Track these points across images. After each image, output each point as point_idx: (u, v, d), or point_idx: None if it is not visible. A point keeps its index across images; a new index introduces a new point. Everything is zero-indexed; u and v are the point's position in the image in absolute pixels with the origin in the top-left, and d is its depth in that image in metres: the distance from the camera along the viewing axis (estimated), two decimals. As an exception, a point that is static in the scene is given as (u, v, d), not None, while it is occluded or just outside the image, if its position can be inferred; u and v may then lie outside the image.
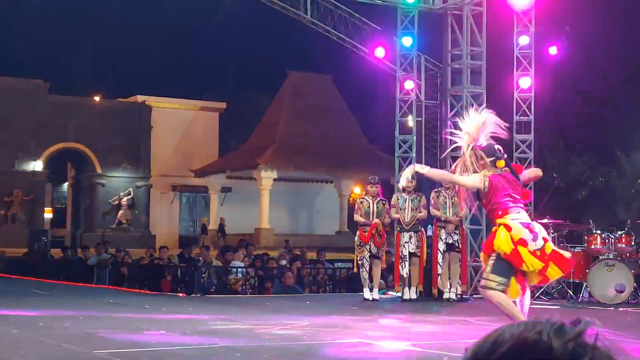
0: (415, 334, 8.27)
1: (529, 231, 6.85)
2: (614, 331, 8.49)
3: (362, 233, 12.21)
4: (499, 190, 6.91)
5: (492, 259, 6.83)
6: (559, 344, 1.16)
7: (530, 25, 15.72)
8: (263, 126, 35.29)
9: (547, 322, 1.18)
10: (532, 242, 6.80)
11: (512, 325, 1.19)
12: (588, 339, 1.20)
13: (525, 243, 6.75)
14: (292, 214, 36.04)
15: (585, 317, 1.24)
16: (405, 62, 16.60)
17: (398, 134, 16.53)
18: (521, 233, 6.77)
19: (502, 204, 6.92)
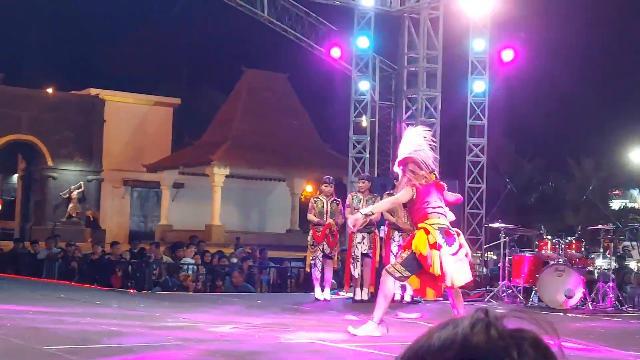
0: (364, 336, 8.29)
1: (445, 235, 7.65)
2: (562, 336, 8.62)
3: (315, 233, 12.20)
4: (423, 198, 7.77)
5: (405, 254, 7.73)
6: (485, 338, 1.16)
7: (486, 31, 15.90)
8: (217, 123, 35.12)
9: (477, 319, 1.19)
10: (447, 246, 7.63)
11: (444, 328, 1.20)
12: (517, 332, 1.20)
13: (440, 247, 7.57)
14: (244, 211, 35.92)
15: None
16: (360, 62, 16.68)
17: (352, 134, 16.61)
18: (437, 237, 7.59)
19: (424, 209, 7.76)
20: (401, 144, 8.11)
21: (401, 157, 7.97)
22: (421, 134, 8.00)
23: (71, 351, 6.31)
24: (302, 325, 8.85)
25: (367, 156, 16.65)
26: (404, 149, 7.99)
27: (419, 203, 7.76)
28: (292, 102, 35.71)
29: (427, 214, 7.73)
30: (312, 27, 21.59)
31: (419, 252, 7.54)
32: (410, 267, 7.64)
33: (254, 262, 16.74)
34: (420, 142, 7.90)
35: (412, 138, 7.98)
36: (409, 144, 7.94)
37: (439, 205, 7.85)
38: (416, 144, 7.88)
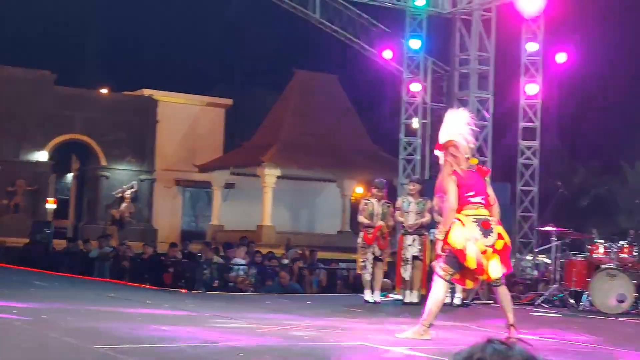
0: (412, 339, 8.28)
1: (482, 227, 7.42)
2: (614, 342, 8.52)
3: (365, 235, 12.21)
4: (463, 186, 7.53)
5: (446, 252, 7.53)
6: None
7: (539, 32, 15.74)
8: (268, 124, 35.30)
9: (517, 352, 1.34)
10: (483, 238, 7.40)
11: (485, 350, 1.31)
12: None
13: (476, 240, 7.37)
14: (294, 212, 36.05)
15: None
16: (412, 64, 16.64)
17: (403, 135, 16.58)
18: (473, 230, 7.38)
19: (463, 199, 7.52)
20: (442, 127, 7.87)
21: (442, 140, 7.76)
22: (463, 118, 7.77)
23: (123, 351, 6.41)
24: (352, 328, 8.86)
25: (417, 158, 16.60)
26: (444, 132, 7.77)
27: (459, 192, 7.53)
28: (343, 103, 35.73)
29: (465, 204, 7.50)
30: (364, 28, 21.59)
31: (454, 246, 7.38)
32: (453, 265, 7.50)
33: (304, 263, 16.79)
34: (461, 126, 7.68)
35: (453, 122, 7.75)
36: (450, 127, 7.72)
37: (479, 194, 7.61)
38: (457, 128, 7.67)
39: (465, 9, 15.85)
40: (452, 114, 7.89)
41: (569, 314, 11.99)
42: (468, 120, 7.75)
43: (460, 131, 7.66)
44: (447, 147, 7.66)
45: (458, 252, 7.38)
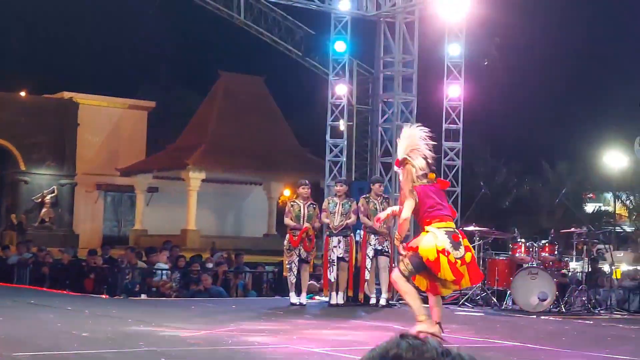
0: (339, 339, 8.28)
1: (452, 239, 7.53)
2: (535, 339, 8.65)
3: (291, 237, 12.16)
4: (425, 200, 7.64)
5: (412, 253, 7.57)
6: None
7: (461, 35, 15.95)
8: (193, 126, 34.97)
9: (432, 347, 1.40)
10: (454, 250, 7.51)
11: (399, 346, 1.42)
12: None
13: (448, 252, 7.45)
14: (220, 215, 35.79)
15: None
16: (337, 66, 16.66)
17: (329, 137, 16.57)
18: (445, 243, 7.46)
19: (429, 212, 7.64)
20: (399, 144, 7.96)
21: (400, 156, 7.86)
22: (419, 134, 7.86)
23: (43, 358, 6.22)
24: (277, 330, 8.80)
25: (344, 160, 16.62)
26: (401, 148, 7.86)
27: (422, 206, 7.66)
28: (269, 105, 35.64)
29: (433, 217, 7.64)
30: (289, 30, 21.58)
31: (427, 257, 7.46)
32: (416, 266, 7.56)
33: (229, 266, 16.63)
34: (417, 142, 7.78)
35: (409, 137, 7.85)
36: (407, 143, 7.82)
37: (443, 206, 7.78)
38: (414, 144, 7.77)
39: (389, 12, 15.94)
40: (408, 130, 7.97)
41: (492, 313, 12.15)
42: (423, 136, 7.83)
43: (417, 147, 7.74)
44: (406, 163, 7.74)
45: (429, 263, 7.48)
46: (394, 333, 1.54)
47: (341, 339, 8.32)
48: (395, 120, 15.42)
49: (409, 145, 7.76)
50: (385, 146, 15.61)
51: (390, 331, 8.96)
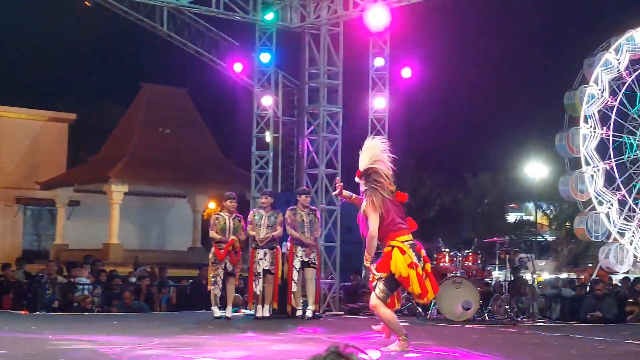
0: (266, 352, 8.19)
1: (416, 251, 7.73)
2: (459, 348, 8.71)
3: (217, 250, 12.03)
4: (389, 214, 7.67)
5: (384, 276, 7.61)
6: None
7: (385, 48, 16.06)
8: (115, 139, 34.39)
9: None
10: (418, 261, 7.70)
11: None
12: None
13: (416, 265, 7.63)
14: (143, 229, 35.23)
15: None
16: (263, 78, 16.60)
17: (255, 149, 16.48)
18: (412, 256, 7.64)
19: (393, 226, 7.67)
20: (361, 155, 7.93)
21: (362, 167, 7.82)
22: (379, 146, 7.88)
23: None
24: (202, 344, 8.66)
25: (270, 172, 16.55)
26: (363, 160, 7.84)
27: (385, 220, 7.66)
28: (193, 117, 35.30)
29: (398, 231, 7.68)
30: (213, 42, 21.40)
31: (399, 273, 7.54)
32: (390, 287, 7.68)
33: (153, 281, 16.37)
34: (379, 154, 7.79)
35: (370, 149, 7.86)
36: (369, 154, 7.81)
37: (404, 220, 7.84)
38: (376, 155, 7.78)
39: (314, 24, 15.95)
40: (370, 142, 7.98)
41: (418, 323, 12.22)
42: (385, 148, 7.85)
43: (379, 158, 7.76)
44: (369, 174, 7.70)
45: (404, 280, 7.57)
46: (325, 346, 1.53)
47: (268, 352, 8.23)
48: (321, 132, 15.42)
49: (373, 157, 7.78)
50: (311, 158, 15.58)
51: (317, 343, 8.91)
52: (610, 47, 24.57)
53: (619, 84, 25.18)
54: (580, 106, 24.07)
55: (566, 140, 24.19)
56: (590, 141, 24.06)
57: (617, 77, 24.93)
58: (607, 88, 24.55)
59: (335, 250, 15.02)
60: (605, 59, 24.28)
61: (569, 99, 24.56)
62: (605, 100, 24.38)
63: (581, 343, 10.14)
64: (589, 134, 24.06)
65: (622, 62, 24.45)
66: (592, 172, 24.00)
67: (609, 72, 24.48)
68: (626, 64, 24.81)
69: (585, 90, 24.14)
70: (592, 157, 24.27)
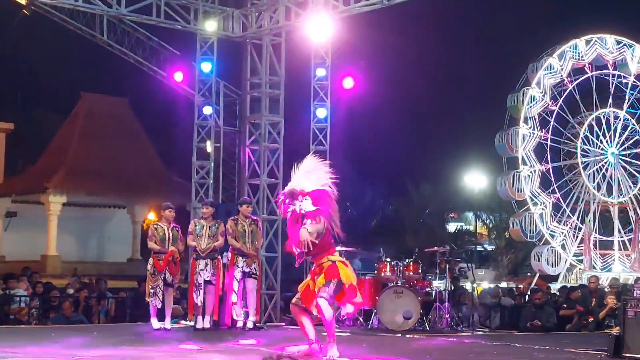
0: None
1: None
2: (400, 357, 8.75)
3: (156, 261, 11.89)
4: (328, 232, 8.04)
5: (333, 283, 7.89)
6: None
7: (327, 58, 16.12)
8: (53, 149, 33.82)
9: None
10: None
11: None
12: None
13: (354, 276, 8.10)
14: (82, 240, 34.70)
15: None
16: (204, 87, 16.51)
17: (195, 159, 16.37)
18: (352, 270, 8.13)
19: (331, 243, 8.11)
20: (303, 173, 8.06)
21: (312, 188, 7.95)
22: (324, 167, 8.10)
23: None
24: (141, 357, 8.54)
25: (210, 182, 16.45)
26: (311, 180, 7.98)
27: (327, 236, 8.00)
28: (133, 127, 34.91)
29: (334, 249, 8.11)
30: (154, 51, 21.23)
31: (350, 282, 7.93)
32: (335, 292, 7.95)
33: (91, 292, 16.11)
34: (325, 175, 8.02)
35: (317, 169, 8.07)
36: (316, 175, 8.00)
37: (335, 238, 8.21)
38: (323, 177, 8.01)
39: (256, 34, 15.93)
40: (312, 161, 8.19)
41: (359, 332, 12.24)
42: (327, 169, 8.12)
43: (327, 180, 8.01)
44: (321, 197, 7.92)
45: (352, 288, 7.98)
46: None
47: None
48: (263, 142, 15.39)
49: (319, 178, 7.99)
50: (252, 168, 15.54)
51: (257, 354, 8.85)
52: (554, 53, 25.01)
53: (561, 90, 25.64)
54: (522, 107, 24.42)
55: (506, 140, 24.52)
56: (528, 142, 24.42)
57: (559, 82, 25.39)
58: (549, 92, 24.97)
59: (277, 261, 14.98)
60: (549, 63, 24.71)
61: (512, 102, 24.93)
62: (546, 103, 24.79)
63: (521, 351, 10.27)
64: (528, 134, 24.42)
65: (565, 68, 24.91)
66: (529, 172, 24.35)
67: (552, 77, 24.90)
68: (569, 70, 25.27)
69: (527, 92, 24.51)
70: (530, 157, 24.63)
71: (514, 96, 24.99)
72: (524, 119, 24.47)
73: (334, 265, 7.95)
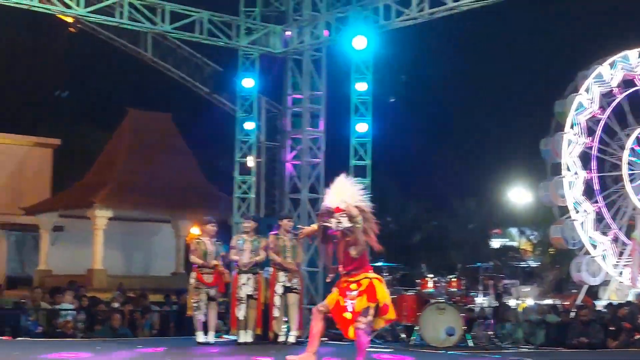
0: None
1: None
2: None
3: (199, 275, 11.98)
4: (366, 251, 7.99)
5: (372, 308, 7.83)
6: None
7: (368, 72, 16.15)
8: (99, 164, 34.27)
9: None
10: None
11: None
12: None
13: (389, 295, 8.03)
14: (127, 254, 35.04)
15: None
16: (245, 103, 16.66)
17: (237, 174, 16.50)
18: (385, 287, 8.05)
19: (367, 260, 8.05)
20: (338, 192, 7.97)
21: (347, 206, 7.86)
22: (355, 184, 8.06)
23: None
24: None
25: (252, 197, 16.56)
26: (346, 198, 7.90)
27: (366, 254, 7.99)
28: (177, 142, 35.24)
29: (369, 265, 8.05)
30: (197, 67, 21.47)
31: (384, 302, 7.88)
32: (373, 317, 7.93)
33: (136, 306, 16.29)
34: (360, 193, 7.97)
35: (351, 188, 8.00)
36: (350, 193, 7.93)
37: None
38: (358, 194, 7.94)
39: (297, 49, 16.05)
40: (343, 180, 8.08)
41: (401, 349, 12.17)
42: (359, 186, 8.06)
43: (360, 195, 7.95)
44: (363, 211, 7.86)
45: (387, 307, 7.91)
46: None
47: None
48: (304, 157, 15.45)
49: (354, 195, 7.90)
50: (293, 182, 15.61)
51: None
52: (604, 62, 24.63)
53: (610, 100, 25.23)
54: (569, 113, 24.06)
55: (551, 145, 24.14)
56: (574, 148, 24.02)
57: (609, 92, 24.98)
58: (597, 100, 24.56)
59: (318, 275, 14.99)
60: (599, 72, 24.29)
61: (560, 108, 24.57)
62: (593, 111, 24.40)
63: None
64: (573, 140, 24.04)
65: (614, 78, 24.49)
66: (572, 178, 23.97)
67: (601, 86, 24.47)
68: (619, 81, 24.85)
69: (575, 98, 24.17)
70: (574, 164, 24.25)
71: (562, 102, 24.63)
72: (570, 125, 24.09)
73: (372, 285, 7.91)
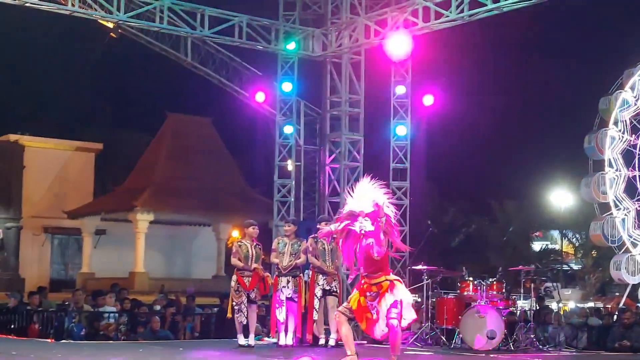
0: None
1: None
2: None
3: (240, 277, 12.04)
4: (386, 250, 8.06)
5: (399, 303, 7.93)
6: None
7: (407, 75, 16.15)
8: (141, 168, 34.67)
9: None
10: None
11: None
12: None
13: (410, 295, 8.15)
14: (169, 257, 35.39)
15: None
16: (285, 107, 16.73)
17: (277, 177, 16.58)
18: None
19: (388, 262, 8.11)
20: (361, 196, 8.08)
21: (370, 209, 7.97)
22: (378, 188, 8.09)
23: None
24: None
25: (292, 200, 16.63)
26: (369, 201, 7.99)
27: (385, 255, 8.04)
28: (217, 146, 35.53)
29: (389, 268, 8.13)
30: (236, 71, 21.61)
31: (406, 302, 7.98)
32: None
33: (178, 309, 16.43)
34: (383, 196, 8.03)
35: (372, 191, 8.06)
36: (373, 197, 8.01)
37: None
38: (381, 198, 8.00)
39: (335, 53, 16.09)
40: (366, 184, 8.15)
41: (442, 352, 12.13)
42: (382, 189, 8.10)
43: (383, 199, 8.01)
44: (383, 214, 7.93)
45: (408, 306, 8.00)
46: None
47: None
48: (343, 160, 15.48)
49: (377, 198, 7.96)
50: (332, 186, 15.65)
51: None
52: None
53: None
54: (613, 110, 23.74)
55: (595, 142, 23.83)
56: (617, 145, 23.69)
57: (656, 89, 24.55)
58: (643, 98, 24.18)
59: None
60: (646, 68, 23.93)
61: (605, 104, 24.25)
62: (638, 108, 24.04)
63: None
64: (617, 137, 23.70)
65: (661, 74, 24.07)
66: (614, 175, 23.63)
67: (648, 83, 24.13)
68: (666, 77, 24.42)
69: (619, 95, 23.82)
70: (617, 161, 23.91)
71: (607, 99, 24.30)
72: (614, 122, 23.76)
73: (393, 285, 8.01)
